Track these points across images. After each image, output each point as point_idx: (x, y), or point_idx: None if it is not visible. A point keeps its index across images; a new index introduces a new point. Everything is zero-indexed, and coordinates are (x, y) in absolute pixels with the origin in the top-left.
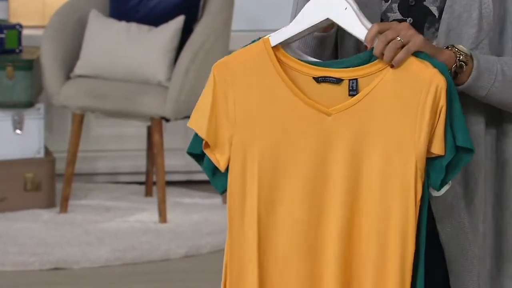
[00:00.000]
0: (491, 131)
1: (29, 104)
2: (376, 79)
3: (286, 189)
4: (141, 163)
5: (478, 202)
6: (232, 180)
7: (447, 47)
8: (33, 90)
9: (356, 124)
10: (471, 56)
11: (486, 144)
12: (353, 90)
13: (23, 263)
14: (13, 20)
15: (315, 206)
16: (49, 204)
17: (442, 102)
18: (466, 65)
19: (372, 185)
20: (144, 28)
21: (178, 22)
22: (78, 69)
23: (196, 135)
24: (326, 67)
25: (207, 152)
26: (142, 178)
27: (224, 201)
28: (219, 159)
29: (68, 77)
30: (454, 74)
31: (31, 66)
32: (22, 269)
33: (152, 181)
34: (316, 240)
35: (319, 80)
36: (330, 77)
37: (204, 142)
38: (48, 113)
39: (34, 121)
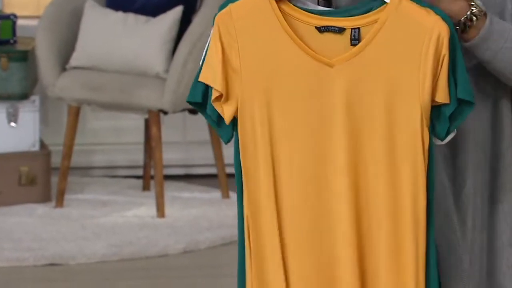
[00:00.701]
0: (485, 123)
1: (24, 96)
2: (377, 26)
3: (293, 138)
4: (138, 157)
5: (466, 197)
6: (243, 132)
7: None
8: (28, 81)
9: (359, 74)
10: (485, 14)
11: (478, 137)
12: (355, 39)
13: (17, 259)
14: (7, 10)
15: (321, 156)
16: (45, 198)
17: (445, 50)
18: (477, 19)
19: (377, 135)
20: (142, 18)
21: (176, 12)
22: (74, 61)
23: (195, 83)
24: (329, 16)
25: (216, 105)
26: (140, 172)
27: (224, 196)
28: (226, 111)
29: (63, 69)
30: (463, 27)
31: (26, 57)
32: (17, 264)
33: (150, 175)
34: (324, 190)
35: (321, 30)
36: (332, 26)
37: (216, 95)
38: (44, 105)
39: (29, 113)
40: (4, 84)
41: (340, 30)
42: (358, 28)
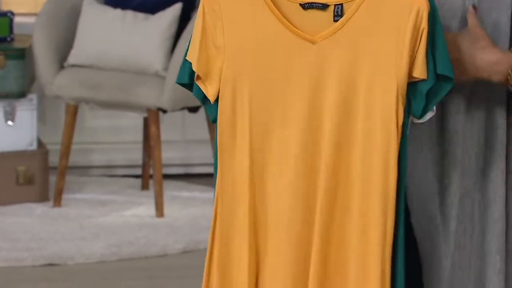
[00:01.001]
0: (479, 124)
1: (21, 95)
2: (357, 2)
3: (276, 119)
4: (137, 156)
5: (451, 200)
6: (222, 110)
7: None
8: (25, 79)
9: (340, 50)
10: None
11: (469, 141)
12: (338, 15)
13: (15, 259)
14: (4, 7)
15: (305, 134)
16: (42, 198)
17: (424, 24)
18: None
19: (358, 111)
20: (140, 15)
21: (175, 9)
22: (72, 58)
23: (183, 64)
24: None
25: (198, 83)
26: (139, 171)
27: None
28: (209, 90)
29: (61, 67)
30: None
31: (23, 55)
32: (15, 265)
33: (149, 174)
34: (309, 170)
35: (305, 6)
36: (316, 3)
37: (196, 74)
38: (41, 103)
39: (26, 112)
40: (1, 82)
41: (324, 7)
42: (341, 4)
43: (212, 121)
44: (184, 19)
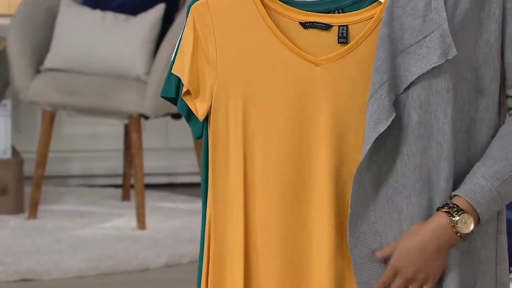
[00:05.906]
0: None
1: None
2: (372, 24)
3: (270, 138)
4: (117, 165)
5: None
6: (215, 129)
7: (439, 208)
8: None
9: (345, 76)
10: (470, 204)
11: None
12: (343, 37)
13: None
14: None
15: (299, 160)
16: (17, 209)
17: None
18: (467, 215)
19: (359, 141)
20: (121, 17)
21: (158, 11)
22: (49, 62)
23: (168, 78)
24: (314, 10)
25: (186, 100)
26: (119, 181)
27: None
28: (198, 107)
29: (37, 71)
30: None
31: None
32: None
33: (130, 184)
34: (302, 190)
35: (306, 25)
36: (318, 22)
37: (185, 90)
38: (16, 110)
39: (0, 118)
40: None
41: (327, 27)
42: (346, 26)
43: (197, 138)
44: (167, 21)
